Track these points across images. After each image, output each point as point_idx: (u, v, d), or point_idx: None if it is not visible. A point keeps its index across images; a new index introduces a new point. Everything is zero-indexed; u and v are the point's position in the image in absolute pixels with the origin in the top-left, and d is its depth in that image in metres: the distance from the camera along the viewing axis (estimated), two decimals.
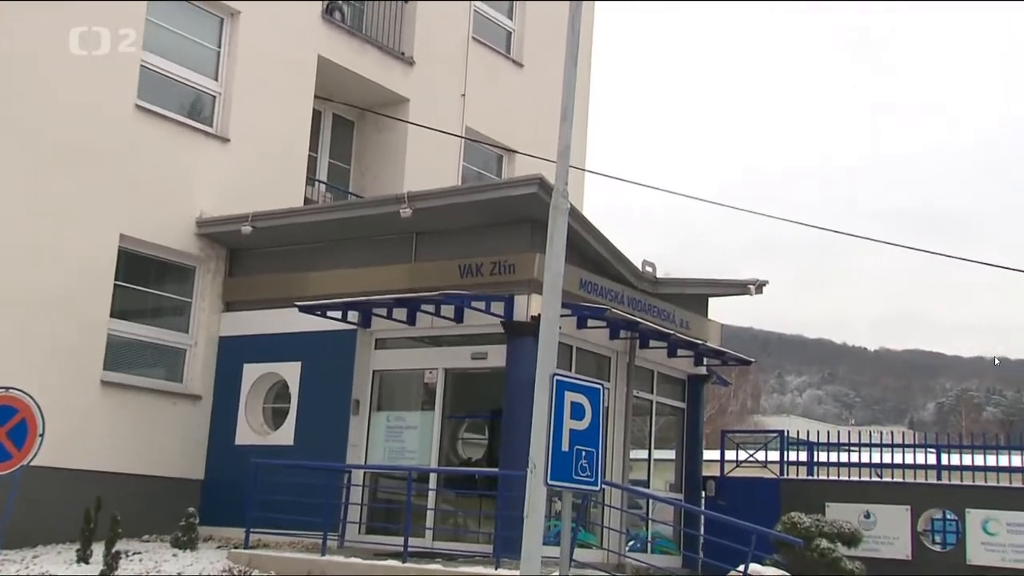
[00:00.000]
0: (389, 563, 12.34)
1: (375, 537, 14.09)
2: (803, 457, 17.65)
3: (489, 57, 21.87)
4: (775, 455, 17.53)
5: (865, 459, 17.32)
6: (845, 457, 17.46)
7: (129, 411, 15.39)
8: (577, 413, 8.30)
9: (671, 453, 17.59)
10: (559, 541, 10.08)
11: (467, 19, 21.33)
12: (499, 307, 13.87)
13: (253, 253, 16.72)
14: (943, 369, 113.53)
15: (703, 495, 17.03)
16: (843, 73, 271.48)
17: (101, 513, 12.47)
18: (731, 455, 17.73)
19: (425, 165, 19.57)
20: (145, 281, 16.28)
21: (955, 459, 16.60)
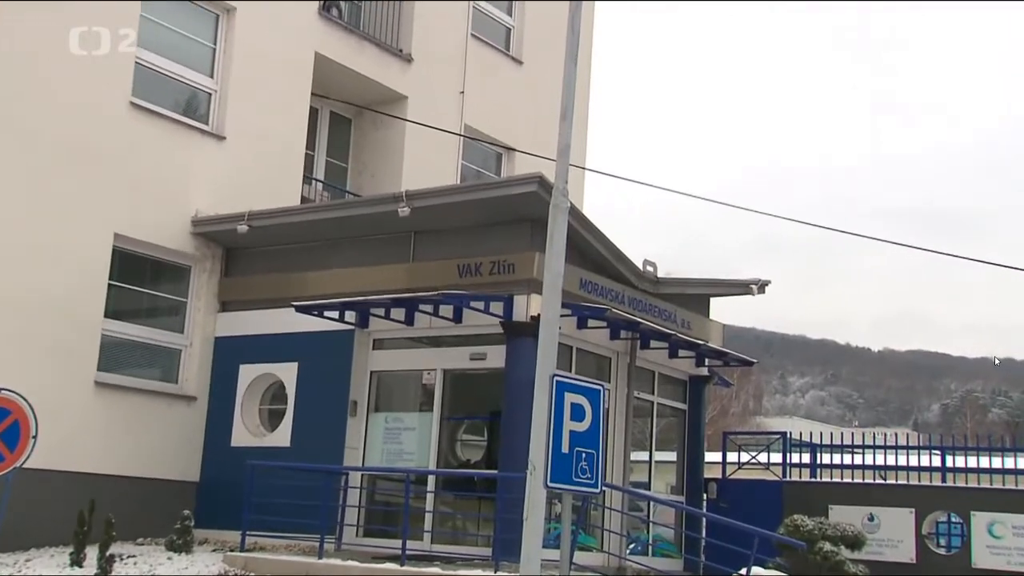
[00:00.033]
0: (387, 566, 12.26)
1: (373, 540, 14.04)
2: (806, 459, 17.57)
3: (488, 54, 21.79)
4: (777, 457, 17.46)
5: (869, 461, 17.24)
6: (848, 459, 17.33)
7: (123, 412, 15.32)
8: (577, 414, 8.26)
9: (672, 455, 17.52)
10: (559, 544, 10.09)
11: (466, 16, 21.28)
12: (498, 307, 13.81)
13: (249, 252, 16.65)
14: (947, 370, 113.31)
15: (705, 497, 16.96)
16: (843, 73, 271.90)
17: (95, 516, 12.45)
18: (733, 457, 17.62)
19: (423, 163, 19.51)
20: (140, 281, 16.19)
21: (960, 461, 16.46)
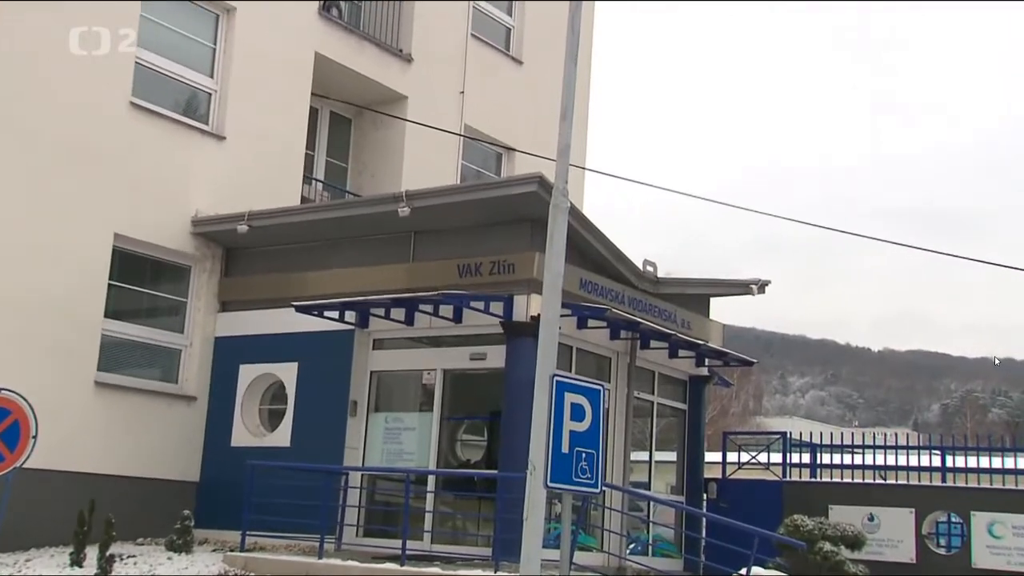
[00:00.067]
0: (387, 566, 12.24)
1: (373, 540, 14.01)
2: (806, 459, 17.54)
3: (488, 54, 21.76)
4: (777, 457, 17.43)
5: (869, 461, 17.21)
6: (848, 459, 17.29)
7: (123, 412, 15.29)
8: (577, 414, 8.25)
9: (672, 455, 17.49)
10: (559, 544, 10.06)
11: (466, 16, 21.25)
12: (498, 307, 13.78)
13: (249, 252, 16.62)
14: (947, 370, 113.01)
15: (705, 497, 16.93)
16: (843, 73, 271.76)
17: (95, 516, 12.43)
18: (733, 457, 17.59)
19: (423, 163, 19.48)
20: (140, 281, 16.16)
21: (960, 461, 16.43)
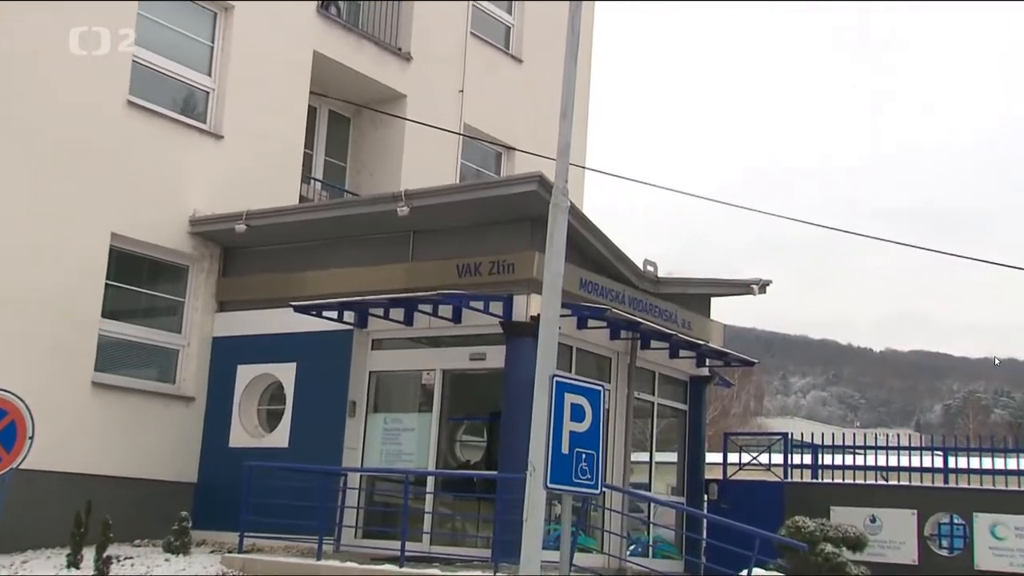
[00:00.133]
0: (386, 568, 12.19)
1: (371, 541, 13.99)
2: (807, 460, 17.49)
3: (488, 53, 21.70)
4: (779, 458, 17.38)
5: (871, 462, 17.22)
6: (850, 460, 17.25)
7: (120, 413, 15.23)
8: (577, 415, 8.22)
9: (673, 456, 17.45)
10: (559, 545, 10.02)
11: (465, 14, 21.20)
12: (498, 307, 13.73)
13: (247, 252, 16.57)
14: (950, 370, 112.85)
15: (705, 498, 16.89)
16: (843, 73, 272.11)
17: (92, 517, 12.35)
18: (734, 458, 17.54)
19: (423, 162, 19.42)
20: (137, 280, 16.11)
21: (962, 462, 16.39)
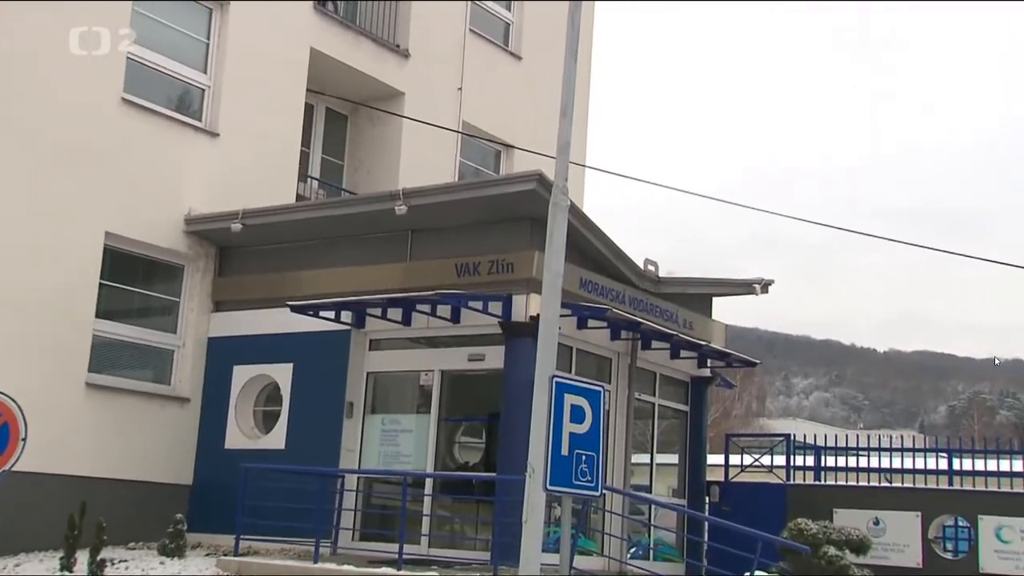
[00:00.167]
0: (383, 571, 12.13)
1: (369, 544, 13.95)
2: (810, 462, 17.45)
3: (487, 50, 21.61)
4: (781, 459, 17.40)
5: (874, 464, 17.08)
6: (853, 462, 17.16)
7: (115, 414, 15.15)
8: (577, 416, 8.20)
9: (674, 457, 17.40)
10: (558, 548, 10.01)
11: (464, 11, 21.12)
12: (497, 307, 13.67)
13: (243, 251, 16.49)
14: (954, 371, 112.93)
15: (707, 500, 16.83)
16: (843, 73, 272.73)
17: (86, 519, 12.18)
18: (736, 459, 17.50)
19: (421, 161, 19.33)
20: (132, 280, 16.03)
21: (967, 464, 16.34)
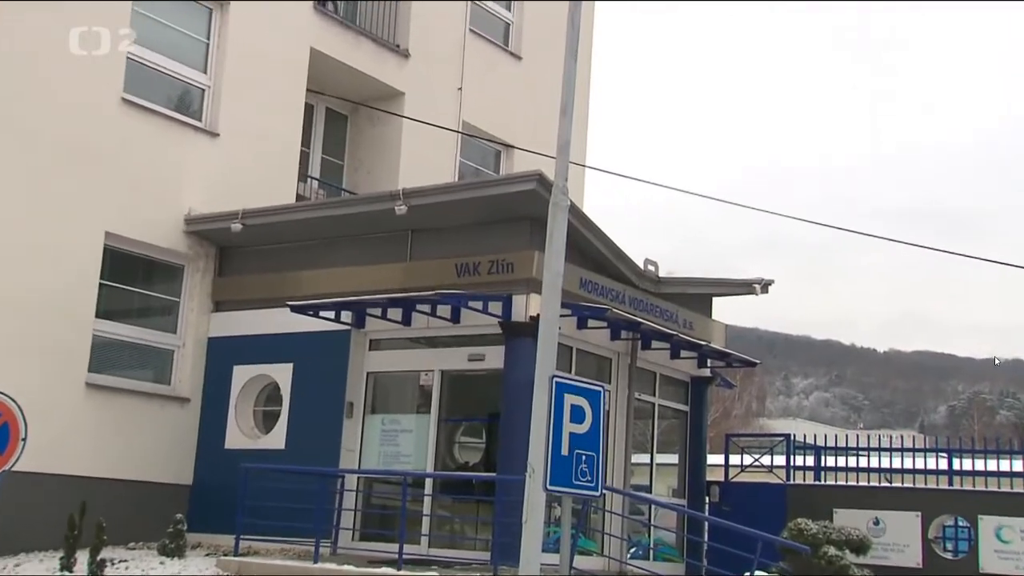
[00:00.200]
0: (383, 571, 12.12)
1: (369, 544, 13.94)
2: (810, 462, 17.44)
3: (487, 50, 21.60)
4: (781, 459, 17.39)
5: (874, 464, 17.06)
6: (853, 462, 17.15)
7: (115, 414, 15.13)
8: (577, 416, 8.19)
9: (674, 457, 17.39)
10: (558, 548, 10.00)
11: (464, 11, 21.10)
12: (497, 307, 13.65)
13: (243, 251, 16.48)
14: (954, 371, 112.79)
15: (707, 501, 16.81)
16: (843, 73, 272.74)
17: (86, 519, 12.17)
18: (736, 459, 17.49)
19: (421, 161, 19.32)
20: (132, 280, 16.02)
21: (967, 464, 16.33)
